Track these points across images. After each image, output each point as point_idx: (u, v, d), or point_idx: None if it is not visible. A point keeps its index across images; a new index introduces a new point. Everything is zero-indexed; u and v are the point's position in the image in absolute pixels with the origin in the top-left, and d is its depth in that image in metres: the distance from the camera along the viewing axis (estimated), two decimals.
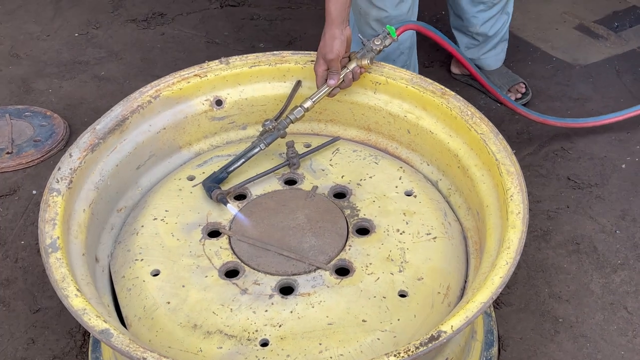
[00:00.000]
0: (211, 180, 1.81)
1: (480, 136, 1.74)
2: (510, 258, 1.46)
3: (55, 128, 2.67)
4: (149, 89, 1.89)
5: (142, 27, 3.31)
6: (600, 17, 3.28)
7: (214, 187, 1.78)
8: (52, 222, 1.56)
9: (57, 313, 2.02)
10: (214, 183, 1.80)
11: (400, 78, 1.92)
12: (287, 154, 1.87)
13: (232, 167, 1.84)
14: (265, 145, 1.85)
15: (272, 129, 1.86)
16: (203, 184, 1.81)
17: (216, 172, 1.83)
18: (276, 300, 1.56)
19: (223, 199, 1.76)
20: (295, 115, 1.88)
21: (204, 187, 1.80)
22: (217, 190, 1.77)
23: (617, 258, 2.15)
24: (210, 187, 1.79)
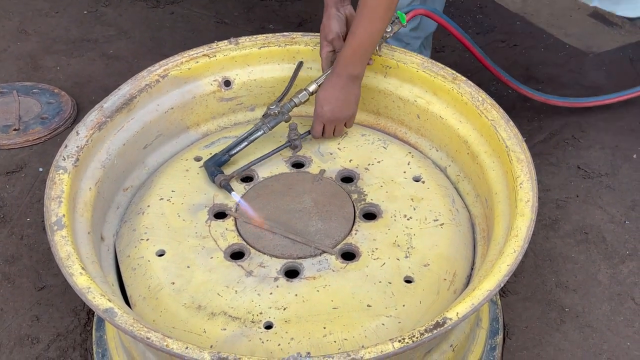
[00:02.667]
0: (213, 163, 1.79)
1: (490, 122, 1.72)
2: (518, 246, 1.45)
3: (62, 106, 2.66)
4: (157, 68, 1.88)
5: (152, 5, 3.28)
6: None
7: (217, 171, 1.77)
8: (58, 200, 1.55)
9: (61, 291, 2.02)
10: (216, 166, 1.79)
11: (411, 62, 1.90)
12: (289, 136, 1.85)
13: (235, 150, 1.82)
14: (269, 129, 1.83)
15: (276, 114, 1.84)
16: (205, 167, 1.80)
17: (218, 154, 1.81)
18: (281, 283, 1.56)
19: (226, 185, 1.75)
20: (299, 99, 1.86)
21: (207, 170, 1.79)
22: (221, 176, 1.75)
23: (626, 249, 2.13)
24: (213, 172, 1.77)
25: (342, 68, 1.78)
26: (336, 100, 1.80)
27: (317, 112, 1.82)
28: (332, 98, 1.80)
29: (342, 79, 1.79)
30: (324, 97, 1.80)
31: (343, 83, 1.79)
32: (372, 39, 1.77)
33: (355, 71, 1.79)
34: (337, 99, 1.80)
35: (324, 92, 1.81)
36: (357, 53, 1.77)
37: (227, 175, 1.77)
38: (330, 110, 1.81)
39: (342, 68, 1.78)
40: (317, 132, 1.85)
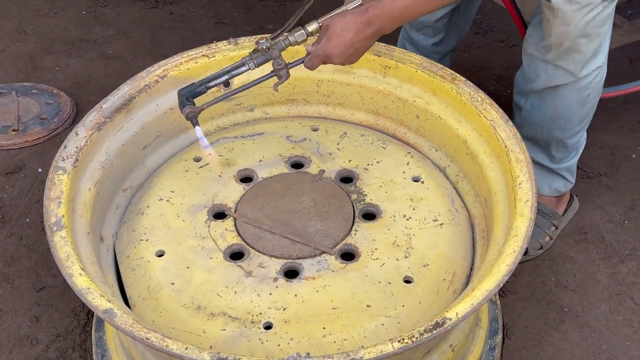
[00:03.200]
0: (187, 92, 1.64)
1: (489, 122, 1.72)
2: (517, 246, 1.45)
3: (61, 106, 2.66)
4: (156, 68, 1.88)
5: (151, 6, 3.28)
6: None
7: (188, 102, 1.61)
8: (58, 201, 1.55)
9: (61, 291, 2.02)
10: (189, 96, 1.63)
11: (410, 62, 1.90)
12: (273, 65, 1.66)
13: (213, 82, 1.65)
14: (255, 66, 1.65)
15: (265, 50, 1.64)
16: (178, 94, 1.64)
17: (195, 83, 1.66)
18: (281, 284, 1.56)
19: (193, 117, 1.61)
20: (295, 38, 1.66)
21: (178, 97, 1.64)
22: (189, 107, 1.60)
23: (625, 248, 2.13)
24: (183, 102, 1.62)
25: (376, 17, 1.59)
26: (349, 46, 1.60)
27: (323, 46, 1.61)
28: (347, 41, 1.60)
29: (368, 28, 1.59)
30: (339, 35, 1.59)
31: (367, 32, 1.60)
32: (426, 11, 1.64)
33: (386, 29, 1.61)
34: (351, 44, 1.60)
35: (342, 28, 1.58)
36: (401, 14, 1.60)
37: (197, 107, 1.62)
38: (338, 53, 1.60)
39: (376, 17, 1.59)
40: (313, 66, 1.66)
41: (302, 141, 1.91)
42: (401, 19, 1.62)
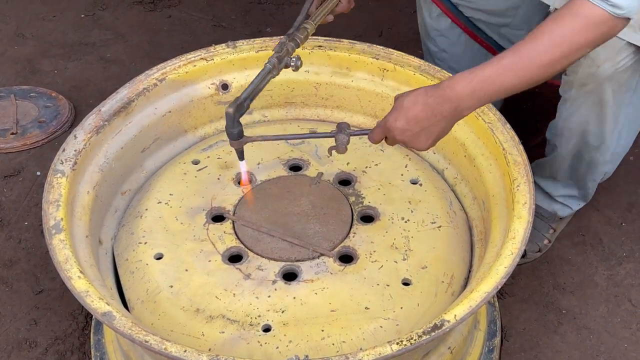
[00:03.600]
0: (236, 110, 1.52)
1: (487, 125, 1.73)
2: (515, 248, 1.45)
3: (60, 109, 2.66)
4: (155, 71, 1.88)
5: (149, 9, 3.28)
6: None
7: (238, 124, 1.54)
8: (56, 204, 1.55)
9: (59, 295, 2.02)
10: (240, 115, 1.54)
11: (408, 65, 1.90)
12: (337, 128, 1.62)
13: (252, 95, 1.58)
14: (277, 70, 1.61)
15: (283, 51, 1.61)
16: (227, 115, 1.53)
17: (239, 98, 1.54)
18: (279, 286, 1.56)
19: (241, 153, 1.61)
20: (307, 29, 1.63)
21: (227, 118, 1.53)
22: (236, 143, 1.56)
23: (623, 250, 2.14)
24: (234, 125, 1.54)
25: (456, 97, 1.37)
26: (414, 122, 1.41)
27: (387, 121, 1.45)
28: (411, 115, 1.41)
29: (441, 105, 1.39)
30: (404, 107, 1.42)
31: (439, 109, 1.39)
32: (514, 86, 1.36)
33: (464, 107, 1.38)
34: (416, 120, 1.41)
35: (409, 100, 1.41)
36: (482, 88, 1.36)
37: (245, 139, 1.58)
38: (400, 127, 1.43)
39: (456, 97, 1.37)
40: (375, 139, 1.53)
41: (301, 144, 1.91)
42: (483, 94, 1.37)
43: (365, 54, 1.94)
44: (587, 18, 1.30)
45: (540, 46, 1.33)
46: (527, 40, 1.35)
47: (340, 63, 1.97)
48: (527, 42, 1.35)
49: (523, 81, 1.36)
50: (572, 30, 1.31)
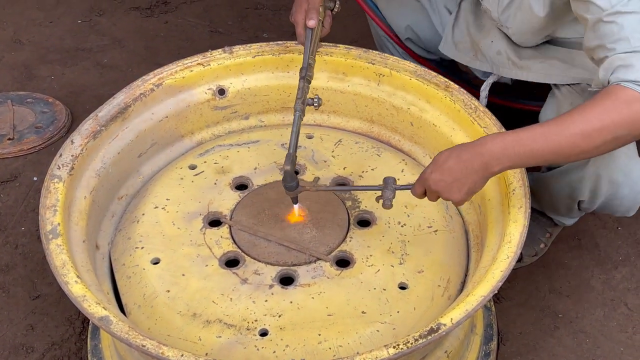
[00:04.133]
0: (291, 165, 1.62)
1: (483, 130, 1.73)
2: (511, 252, 1.46)
3: (57, 115, 2.66)
4: (151, 77, 1.89)
5: (146, 15, 3.29)
6: None
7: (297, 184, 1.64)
8: (53, 209, 1.56)
9: (56, 300, 2.02)
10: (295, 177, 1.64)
11: (404, 70, 1.91)
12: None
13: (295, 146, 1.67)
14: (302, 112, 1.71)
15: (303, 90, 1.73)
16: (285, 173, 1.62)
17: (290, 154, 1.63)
18: (276, 291, 1.56)
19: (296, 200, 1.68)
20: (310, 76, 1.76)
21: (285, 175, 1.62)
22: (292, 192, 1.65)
23: (619, 254, 2.14)
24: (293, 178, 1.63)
25: (487, 153, 1.44)
26: (450, 174, 1.47)
27: (425, 173, 1.52)
28: (446, 168, 1.47)
29: (476, 159, 1.45)
30: (442, 161, 1.48)
31: (473, 164, 1.45)
32: (543, 151, 1.42)
33: (494, 164, 1.44)
34: (450, 172, 1.47)
35: (447, 155, 1.48)
36: (517, 150, 1.43)
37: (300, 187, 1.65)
38: (437, 179, 1.49)
39: (487, 153, 1.44)
40: (417, 193, 1.57)
41: (297, 149, 1.91)
42: (513, 154, 1.43)
43: (362, 59, 1.95)
44: (617, 97, 1.37)
45: (572, 118, 1.40)
46: (563, 114, 1.44)
47: (336, 68, 1.98)
48: (562, 115, 1.44)
49: (553, 148, 1.41)
50: (604, 107, 1.38)
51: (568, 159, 1.48)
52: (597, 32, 1.45)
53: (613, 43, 1.41)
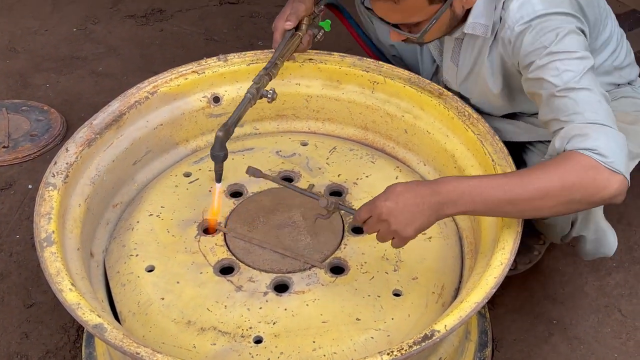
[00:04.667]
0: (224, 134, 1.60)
1: (476, 137, 1.74)
2: (505, 258, 1.46)
3: (52, 123, 2.66)
4: (146, 84, 1.89)
5: (141, 23, 3.30)
6: None
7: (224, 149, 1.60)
8: (48, 216, 1.56)
9: (51, 308, 2.01)
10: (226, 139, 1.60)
11: (399, 77, 1.92)
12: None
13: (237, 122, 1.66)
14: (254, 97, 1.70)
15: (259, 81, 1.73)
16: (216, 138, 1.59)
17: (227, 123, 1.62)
18: (271, 298, 1.56)
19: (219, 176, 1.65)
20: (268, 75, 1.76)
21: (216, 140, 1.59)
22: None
23: (612, 261, 2.15)
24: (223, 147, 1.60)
25: (445, 194, 1.43)
26: (405, 209, 1.43)
27: (377, 199, 1.46)
28: (404, 202, 1.43)
29: (431, 196, 1.43)
30: (396, 192, 1.45)
31: (428, 200, 1.43)
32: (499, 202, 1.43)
33: (448, 210, 1.44)
34: (404, 205, 1.43)
35: (403, 188, 1.45)
36: (473, 201, 1.43)
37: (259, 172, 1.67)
38: (389, 210, 1.44)
39: (445, 194, 1.43)
40: (360, 217, 1.50)
41: (292, 156, 1.92)
42: (469, 200, 1.43)
43: (356, 67, 1.96)
44: (577, 161, 1.41)
45: (535, 174, 1.44)
46: (525, 169, 1.50)
47: (330, 76, 1.99)
48: (524, 170, 1.50)
49: (510, 199, 1.42)
50: (564, 168, 1.42)
51: (522, 214, 1.50)
52: (551, 107, 1.50)
53: (568, 116, 1.47)
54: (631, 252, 2.17)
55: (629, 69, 1.88)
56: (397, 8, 1.54)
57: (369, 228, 1.49)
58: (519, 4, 1.56)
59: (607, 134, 1.43)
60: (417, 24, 1.60)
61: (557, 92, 1.48)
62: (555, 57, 1.49)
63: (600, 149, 1.40)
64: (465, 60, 1.79)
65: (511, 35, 1.58)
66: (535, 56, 1.52)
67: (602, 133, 1.42)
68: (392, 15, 1.58)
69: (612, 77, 1.82)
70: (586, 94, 1.47)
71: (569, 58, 1.49)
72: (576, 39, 1.52)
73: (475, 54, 1.74)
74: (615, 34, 1.83)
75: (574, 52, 1.49)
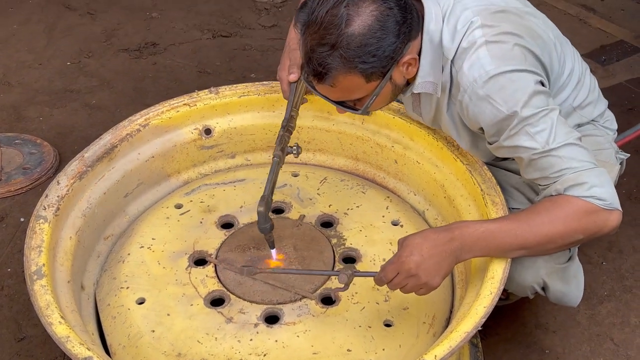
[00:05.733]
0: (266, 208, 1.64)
1: (465, 167, 1.76)
2: (494, 288, 1.46)
3: (44, 156, 2.67)
4: (138, 117, 1.91)
5: (135, 56, 3.33)
6: (588, 50, 3.32)
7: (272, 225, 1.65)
8: (38, 249, 1.56)
9: (42, 341, 2.00)
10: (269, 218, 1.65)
11: (388, 109, 1.94)
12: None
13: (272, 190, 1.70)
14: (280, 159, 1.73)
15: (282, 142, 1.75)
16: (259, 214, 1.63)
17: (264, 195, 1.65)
18: (261, 329, 1.56)
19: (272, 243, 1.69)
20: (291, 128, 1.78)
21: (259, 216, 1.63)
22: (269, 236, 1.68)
23: (604, 289, 2.15)
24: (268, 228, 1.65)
25: (461, 240, 1.48)
26: (432, 259, 1.46)
27: (401, 257, 1.47)
28: (429, 252, 1.45)
29: (451, 243, 1.47)
30: (416, 244, 1.46)
31: (448, 247, 1.47)
32: (510, 246, 1.49)
33: (465, 251, 1.49)
34: (430, 255, 1.46)
35: (421, 238, 1.48)
36: (488, 242, 1.49)
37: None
38: (418, 264, 1.45)
39: (461, 240, 1.48)
40: (387, 278, 1.49)
41: (283, 187, 1.93)
42: (484, 245, 1.49)
43: None
44: (579, 207, 1.48)
45: (539, 219, 1.49)
46: (529, 212, 1.51)
47: (321, 107, 2.01)
48: (529, 213, 1.51)
49: (521, 244, 1.50)
50: (567, 214, 1.48)
51: (531, 254, 1.56)
52: (535, 167, 1.53)
53: (557, 172, 1.50)
54: (622, 281, 2.18)
55: (590, 108, 1.84)
56: (336, 89, 1.51)
57: (396, 285, 1.49)
58: (469, 64, 1.51)
59: (598, 176, 1.49)
60: (359, 99, 1.56)
61: (538, 154, 1.50)
62: (525, 123, 1.48)
63: (598, 194, 1.47)
64: (427, 112, 1.76)
65: (468, 101, 1.53)
66: (502, 125, 1.51)
67: (594, 176, 1.48)
68: (332, 94, 1.55)
69: (572, 117, 1.80)
70: (567, 150, 1.49)
71: (536, 119, 1.48)
72: (538, 97, 1.50)
73: (434, 108, 1.72)
74: (575, 72, 1.78)
75: (540, 110, 1.49)
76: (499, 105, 1.49)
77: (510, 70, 1.49)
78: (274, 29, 3.52)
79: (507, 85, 1.49)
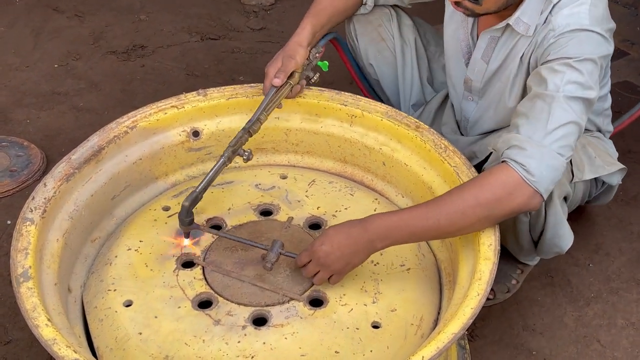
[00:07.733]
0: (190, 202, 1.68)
1: (453, 169, 1.77)
2: (481, 289, 1.47)
3: (31, 158, 2.66)
4: (125, 119, 1.90)
5: (123, 59, 3.32)
6: None
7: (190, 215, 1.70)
8: (25, 252, 1.55)
9: (28, 344, 1.99)
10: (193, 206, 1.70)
11: (376, 111, 1.95)
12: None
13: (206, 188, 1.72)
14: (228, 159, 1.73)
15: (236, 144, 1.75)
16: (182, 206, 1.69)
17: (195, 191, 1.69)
18: (249, 332, 1.56)
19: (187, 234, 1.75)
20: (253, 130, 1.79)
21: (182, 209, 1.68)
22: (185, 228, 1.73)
23: (591, 291, 2.16)
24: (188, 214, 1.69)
25: (373, 231, 1.56)
26: (340, 252, 1.57)
27: (314, 245, 1.60)
28: (339, 244, 1.57)
29: (363, 237, 1.57)
30: (330, 235, 1.59)
31: (359, 238, 1.57)
32: (423, 230, 1.57)
33: (379, 245, 1.58)
34: (342, 250, 1.57)
35: (335, 230, 1.59)
36: (401, 233, 1.57)
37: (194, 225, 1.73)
38: (326, 254, 1.57)
39: (373, 231, 1.56)
40: (300, 262, 1.63)
41: (271, 189, 1.93)
42: (396, 234, 1.56)
43: (334, 100, 1.99)
44: (497, 177, 1.54)
45: (451, 197, 1.56)
46: (444, 194, 1.59)
47: (309, 110, 2.01)
48: (443, 195, 1.60)
49: (433, 226, 1.55)
50: (480, 186, 1.54)
51: (449, 235, 1.62)
52: (531, 102, 1.62)
53: (533, 119, 1.58)
54: (609, 283, 2.19)
55: (607, 120, 2.00)
56: None
57: (309, 272, 1.61)
58: (569, 12, 1.67)
59: (545, 155, 1.53)
60: None
61: (544, 95, 1.58)
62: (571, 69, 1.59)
63: (529, 166, 1.51)
64: (498, 57, 1.86)
65: (551, 36, 1.67)
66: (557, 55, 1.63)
67: (540, 153, 1.52)
68: None
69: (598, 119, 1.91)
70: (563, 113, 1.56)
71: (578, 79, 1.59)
72: (594, 68, 1.62)
73: (509, 51, 1.82)
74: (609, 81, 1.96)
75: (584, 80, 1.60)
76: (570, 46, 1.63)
77: (599, 32, 1.65)
78: (262, 31, 3.52)
79: (589, 41, 1.64)
